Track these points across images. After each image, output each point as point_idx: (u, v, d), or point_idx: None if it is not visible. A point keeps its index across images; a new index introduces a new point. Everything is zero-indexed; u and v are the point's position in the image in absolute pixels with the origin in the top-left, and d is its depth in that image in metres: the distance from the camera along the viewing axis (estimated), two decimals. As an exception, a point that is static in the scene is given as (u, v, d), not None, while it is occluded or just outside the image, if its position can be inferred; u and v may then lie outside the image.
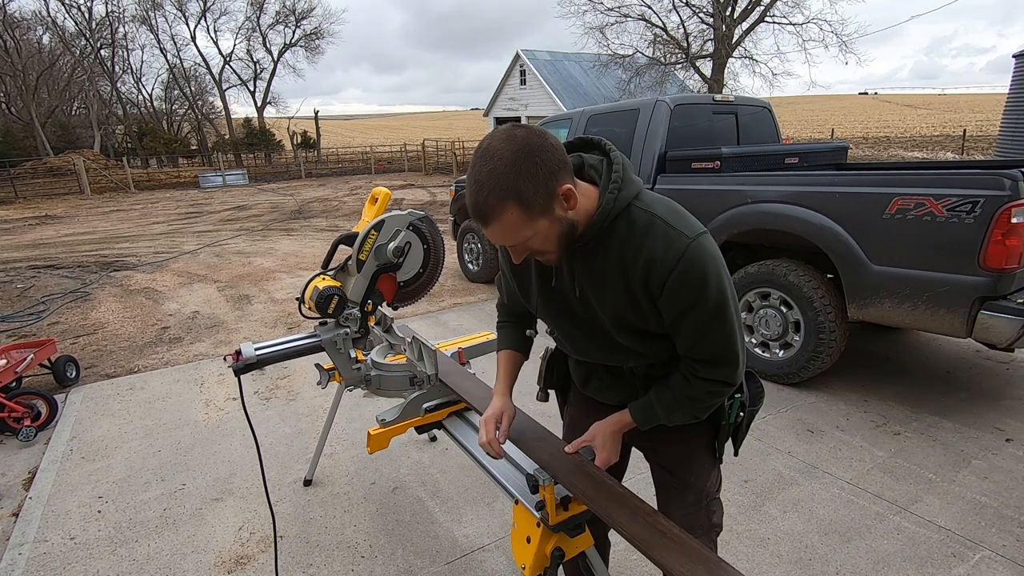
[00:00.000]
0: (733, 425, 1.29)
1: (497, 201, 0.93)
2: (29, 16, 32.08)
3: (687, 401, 1.16)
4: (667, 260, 0.99)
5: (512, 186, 0.91)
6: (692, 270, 0.99)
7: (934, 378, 3.55)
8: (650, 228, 1.02)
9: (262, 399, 3.57)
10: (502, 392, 1.38)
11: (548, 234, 1.00)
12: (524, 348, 1.46)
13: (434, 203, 14.25)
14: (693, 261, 0.99)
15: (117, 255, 8.75)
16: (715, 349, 1.09)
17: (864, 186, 2.97)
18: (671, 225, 1.01)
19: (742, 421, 1.31)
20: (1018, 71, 10.08)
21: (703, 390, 1.14)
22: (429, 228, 2.36)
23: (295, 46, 37.25)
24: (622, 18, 21.58)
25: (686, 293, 1.01)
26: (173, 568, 2.14)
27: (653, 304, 1.06)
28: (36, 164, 24.67)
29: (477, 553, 2.18)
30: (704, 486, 1.37)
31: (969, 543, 2.12)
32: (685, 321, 1.06)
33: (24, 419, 3.19)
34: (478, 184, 0.94)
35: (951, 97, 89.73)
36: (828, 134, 33.09)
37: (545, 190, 0.94)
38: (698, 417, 1.20)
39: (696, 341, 1.09)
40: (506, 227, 0.96)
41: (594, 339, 1.21)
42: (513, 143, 0.92)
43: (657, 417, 1.20)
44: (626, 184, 1.04)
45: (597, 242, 1.06)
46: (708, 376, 1.12)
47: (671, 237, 1.00)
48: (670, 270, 0.99)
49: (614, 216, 1.04)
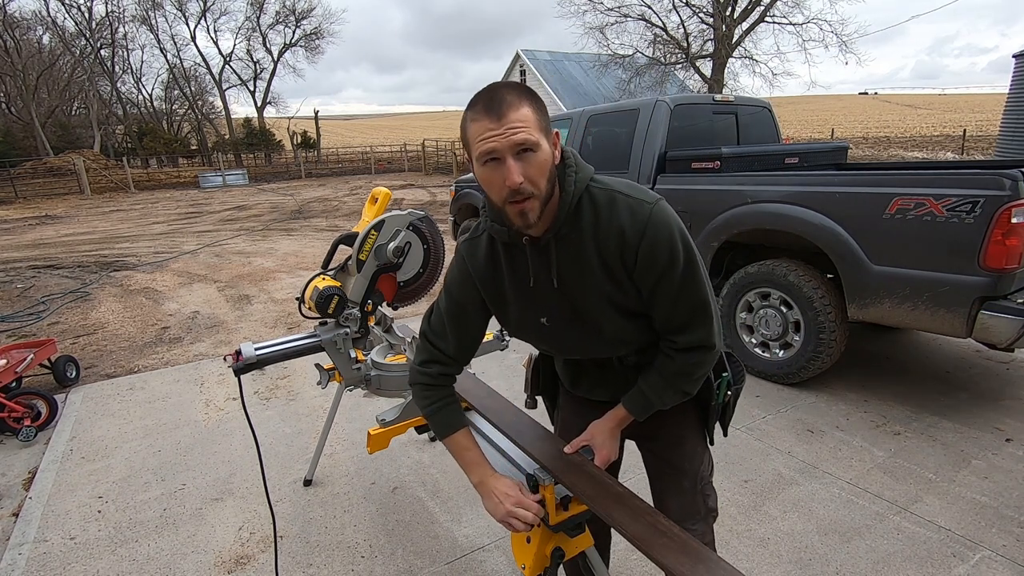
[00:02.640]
0: (721, 404, 1.31)
1: (515, 97, 0.99)
2: (29, 16, 32.14)
3: (674, 378, 1.17)
4: (635, 228, 1.04)
5: (526, 93, 1.01)
6: (659, 232, 1.04)
7: (934, 378, 3.55)
8: (613, 203, 1.07)
9: (262, 399, 3.57)
10: (491, 471, 1.24)
11: (545, 161, 1.01)
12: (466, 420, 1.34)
13: (434, 203, 14.25)
14: (658, 224, 1.04)
15: (117, 255, 8.75)
16: (690, 308, 1.11)
17: (864, 186, 2.97)
18: (631, 196, 1.07)
19: (730, 400, 1.34)
20: (1018, 71, 10.08)
21: (686, 361, 1.15)
22: (429, 228, 2.36)
23: (295, 46, 37.31)
24: (622, 18, 21.61)
25: (658, 255, 1.05)
26: (173, 568, 2.14)
27: (630, 278, 1.09)
28: (36, 164, 24.68)
29: (477, 553, 2.18)
30: (697, 470, 1.38)
31: (969, 543, 2.12)
32: (660, 287, 1.08)
33: (24, 419, 3.19)
34: (494, 88, 1.00)
35: (951, 97, 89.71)
36: (828, 134, 33.09)
37: (547, 118, 1.04)
38: (689, 393, 1.21)
39: (672, 306, 1.11)
40: (521, 118, 0.97)
41: (579, 333, 1.18)
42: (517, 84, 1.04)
43: (651, 404, 1.21)
44: (580, 167, 1.10)
45: (569, 227, 1.08)
46: (688, 344, 1.14)
47: (633, 207, 1.05)
48: (640, 237, 1.04)
49: (578, 197, 1.08)
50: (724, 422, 1.38)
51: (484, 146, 0.97)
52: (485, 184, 1.03)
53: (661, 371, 1.18)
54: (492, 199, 1.06)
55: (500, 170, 0.98)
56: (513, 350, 4.16)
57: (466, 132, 1.02)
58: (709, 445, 1.41)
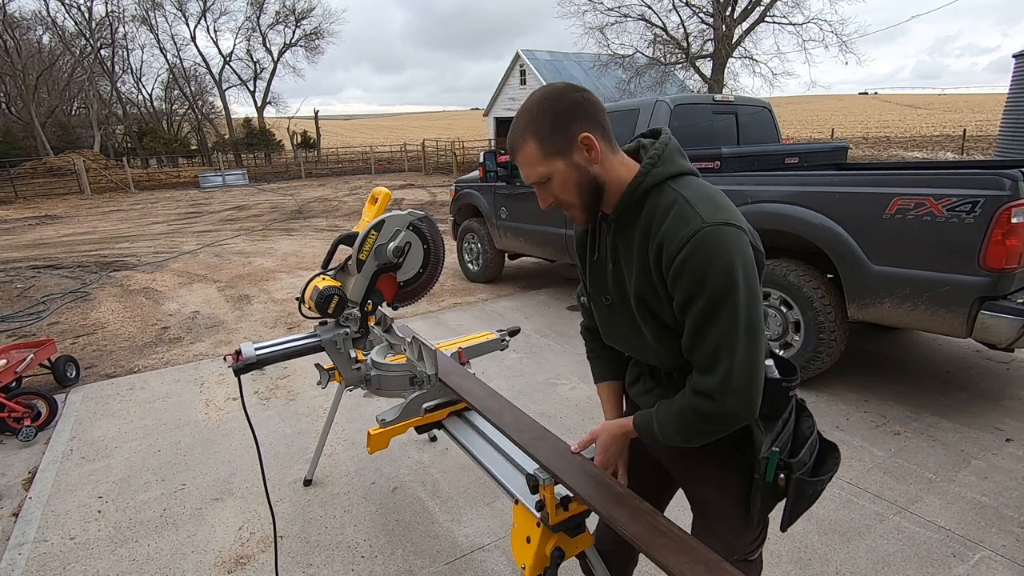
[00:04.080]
0: (771, 485, 1.12)
1: (519, 135, 1.05)
2: (29, 16, 32.13)
3: (677, 415, 1.07)
4: (676, 241, 0.97)
5: (532, 123, 1.03)
6: (697, 255, 0.95)
7: (934, 378, 3.55)
8: (672, 207, 1.01)
9: (262, 399, 3.57)
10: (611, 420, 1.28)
11: (566, 179, 1.06)
12: (620, 374, 1.38)
13: (434, 203, 14.25)
14: (700, 247, 0.95)
15: (117, 255, 8.75)
16: (713, 349, 0.98)
17: (864, 186, 2.97)
18: (692, 207, 0.99)
19: (786, 485, 1.12)
20: (1018, 71, 10.08)
21: (691, 405, 1.04)
22: (429, 228, 2.36)
23: (295, 46, 37.31)
24: (622, 18, 21.61)
25: (688, 277, 0.97)
26: (173, 568, 2.14)
27: (665, 287, 1.04)
28: (36, 164, 24.69)
29: (477, 553, 2.18)
30: (734, 545, 1.24)
31: (969, 543, 2.12)
32: (687, 311, 1.01)
33: (24, 419, 3.19)
34: (513, 122, 1.07)
35: (951, 97, 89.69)
36: (828, 134, 33.09)
37: (562, 133, 1.03)
38: (689, 442, 1.08)
39: (694, 337, 1.02)
40: (525, 160, 1.06)
41: (627, 324, 1.19)
42: (545, 90, 1.05)
43: (652, 428, 1.11)
44: (664, 162, 1.06)
45: (630, 216, 1.09)
46: (697, 387, 1.02)
47: (687, 218, 0.98)
48: (678, 251, 0.97)
49: (645, 190, 1.05)
50: (787, 511, 1.16)
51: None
52: None
53: (673, 401, 1.09)
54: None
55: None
56: (513, 350, 4.17)
57: None
58: (756, 523, 1.21)
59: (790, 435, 1.18)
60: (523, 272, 6.95)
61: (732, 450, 1.17)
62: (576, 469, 1.22)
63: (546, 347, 4.34)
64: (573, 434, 2.94)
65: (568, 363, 4.00)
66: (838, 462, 1.21)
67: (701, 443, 1.08)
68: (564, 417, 3.23)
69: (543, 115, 1.02)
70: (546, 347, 4.34)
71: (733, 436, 1.13)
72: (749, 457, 1.14)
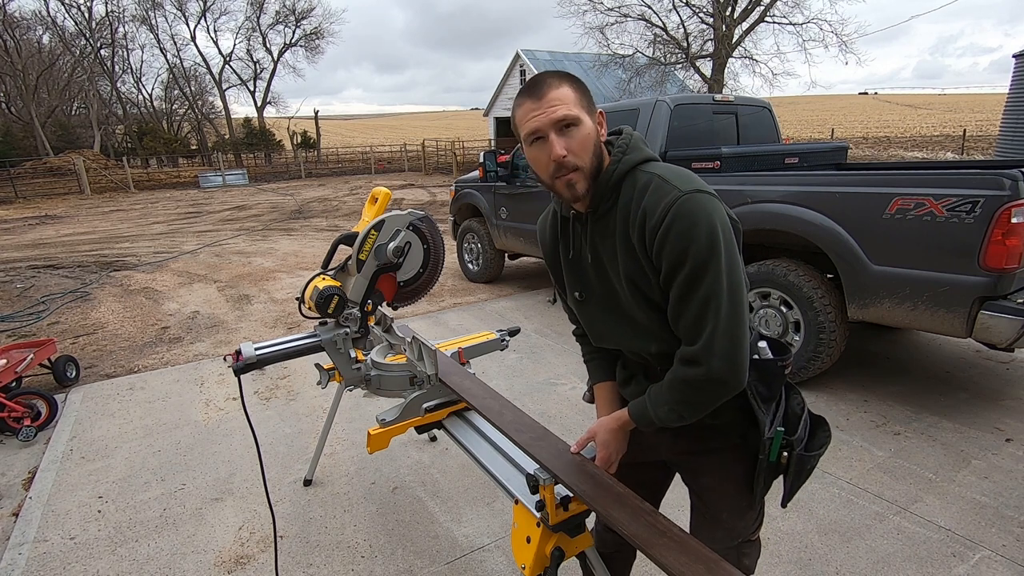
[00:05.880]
0: (774, 463, 1.16)
1: (554, 78, 1.06)
2: (29, 16, 32.14)
3: (667, 390, 1.08)
4: (657, 211, 1.01)
5: (567, 77, 1.07)
6: (679, 221, 0.99)
7: (934, 378, 3.55)
8: (648, 185, 1.06)
9: (262, 399, 3.57)
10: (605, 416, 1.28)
11: (588, 135, 1.07)
12: (614, 375, 1.38)
13: (434, 203, 14.25)
14: (680, 212, 0.99)
15: (117, 255, 8.75)
16: (698, 313, 1.00)
17: (864, 186, 2.97)
18: (666, 180, 1.04)
19: (788, 462, 1.17)
20: (1018, 71, 10.08)
21: (678, 373, 1.06)
22: (429, 228, 2.36)
23: (295, 46, 37.33)
24: (622, 18, 21.61)
25: (672, 244, 1.00)
26: (173, 568, 2.14)
27: (651, 263, 1.06)
28: (36, 164, 24.69)
29: (477, 553, 2.18)
30: (736, 525, 1.28)
31: (969, 543, 2.12)
32: (673, 278, 1.03)
33: (24, 419, 3.19)
34: (537, 75, 1.08)
35: (951, 97, 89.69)
36: (828, 134, 33.08)
37: (589, 97, 1.10)
38: (683, 418, 1.09)
39: (679, 304, 1.03)
40: (560, 97, 1.04)
41: (613, 317, 1.19)
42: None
43: (647, 412, 1.13)
44: (632, 150, 1.11)
45: (607, 204, 1.11)
46: (685, 355, 1.04)
47: (664, 191, 1.03)
48: (660, 220, 1.01)
49: (620, 176, 1.09)
50: (786, 487, 1.22)
51: (528, 126, 1.05)
52: (534, 164, 1.10)
53: (663, 381, 1.11)
54: (542, 178, 1.11)
55: (545, 148, 1.06)
56: (513, 350, 4.17)
57: (514, 119, 1.10)
58: (758, 502, 1.27)
59: (783, 413, 1.22)
60: (523, 272, 6.95)
61: (737, 438, 1.20)
62: (576, 469, 1.22)
63: (546, 347, 4.34)
64: (573, 434, 2.94)
65: (568, 363, 4.00)
66: (828, 435, 1.25)
67: (695, 418, 1.10)
68: (564, 417, 3.23)
69: (575, 79, 1.08)
70: (546, 347, 4.34)
71: (736, 422, 1.18)
72: (752, 440, 1.18)
